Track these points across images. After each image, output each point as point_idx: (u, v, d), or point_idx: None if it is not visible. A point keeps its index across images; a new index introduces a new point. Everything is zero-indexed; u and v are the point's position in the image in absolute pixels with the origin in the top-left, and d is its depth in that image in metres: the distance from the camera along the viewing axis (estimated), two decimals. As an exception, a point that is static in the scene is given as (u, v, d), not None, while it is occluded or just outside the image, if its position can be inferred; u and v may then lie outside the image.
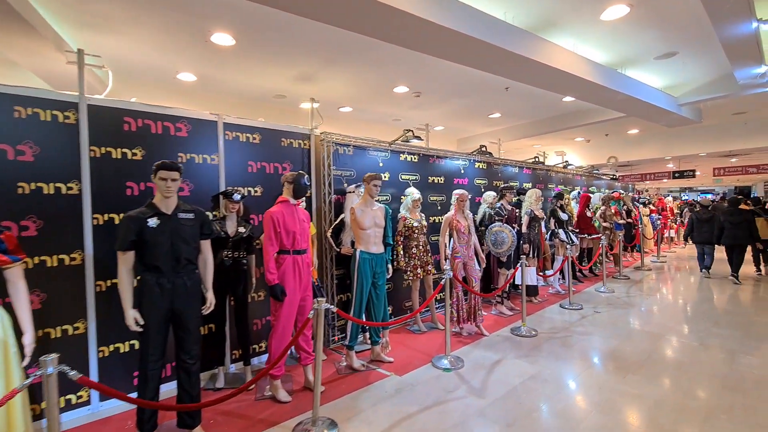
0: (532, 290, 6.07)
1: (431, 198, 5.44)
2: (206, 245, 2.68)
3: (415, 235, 4.65)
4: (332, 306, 2.69)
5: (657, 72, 5.21)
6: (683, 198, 29.96)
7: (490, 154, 6.07)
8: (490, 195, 5.93)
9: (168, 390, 3.12)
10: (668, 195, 25.22)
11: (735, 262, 7.16)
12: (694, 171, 10.41)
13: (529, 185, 7.56)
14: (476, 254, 4.95)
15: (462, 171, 5.96)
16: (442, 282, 3.74)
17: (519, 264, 4.67)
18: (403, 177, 5.06)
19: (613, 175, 10.99)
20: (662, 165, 11.30)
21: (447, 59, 3.84)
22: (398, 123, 7.05)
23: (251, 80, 5.71)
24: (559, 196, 6.73)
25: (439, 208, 5.54)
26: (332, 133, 4.27)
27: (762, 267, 7.84)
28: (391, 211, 3.95)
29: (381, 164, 4.78)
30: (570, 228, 7.20)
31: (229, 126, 3.65)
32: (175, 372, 2.58)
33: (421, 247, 4.66)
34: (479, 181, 6.28)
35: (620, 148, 10.00)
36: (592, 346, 4.19)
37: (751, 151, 8.79)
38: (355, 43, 4.60)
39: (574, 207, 7.83)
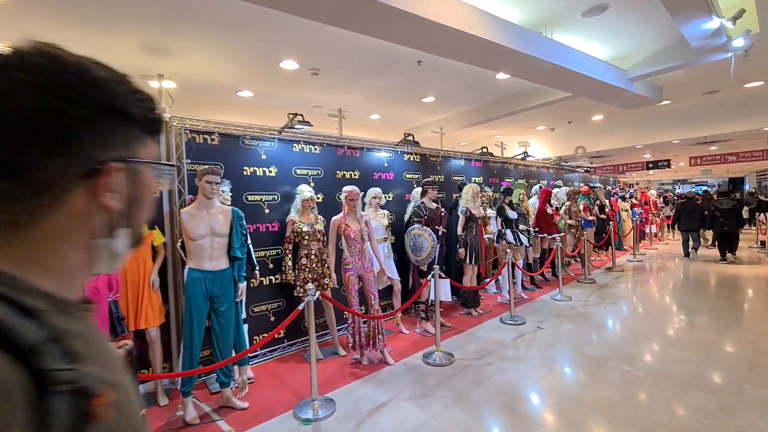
0: (471, 301, 5.24)
1: (341, 196, 4.59)
2: None
3: (306, 242, 3.82)
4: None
5: (594, 36, 4.31)
6: (677, 191, 29.16)
7: (417, 143, 5.22)
8: (419, 191, 5.10)
9: None
10: (658, 188, 24.41)
11: (728, 247, 7.88)
12: (669, 161, 9.47)
13: (480, 180, 6.73)
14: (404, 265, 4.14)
15: (386, 164, 5.11)
16: (300, 307, 2.91)
17: (430, 275, 3.83)
18: (299, 172, 4.22)
19: (587, 167, 10.18)
20: (638, 155, 10.41)
21: (292, 13, 2.97)
22: (319, 110, 6.21)
23: (86, 53, 4.40)
24: (507, 191, 5.89)
25: (352, 208, 4.70)
26: (185, 118, 3.42)
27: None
28: (243, 215, 3.10)
29: (264, 156, 3.93)
30: (525, 227, 6.38)
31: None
32: None
33: (313, 257, 3.83)
34: (411, 176, 5.44)
35: (588, 137, 9.12)
36: (513, 378, 3.35)
37: (730, 136, 7.90)
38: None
39: (536, 203, 7.01)
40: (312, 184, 4.29)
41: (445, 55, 3.76)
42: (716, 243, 8.29)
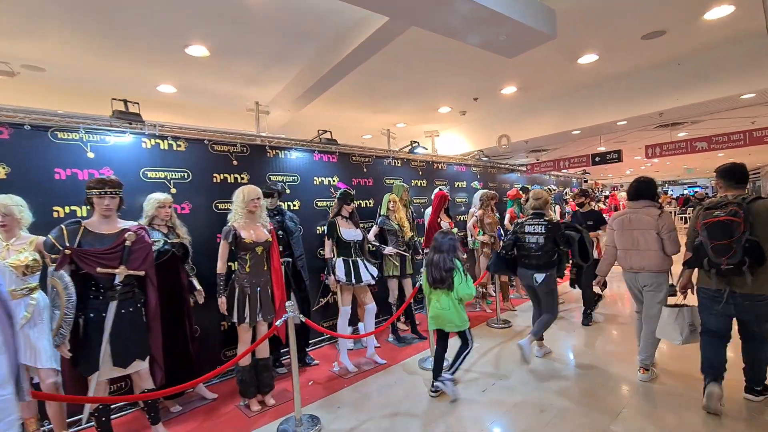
0: (267, 381, 3.08)
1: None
2: None
3: None
4: None
5: None
6: (665, 192, 27.05)
7: (137, 115, 3.08)
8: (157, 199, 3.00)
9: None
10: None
11: None
12: (620, 152, 7.17)
13: (333, 182, 4.62)
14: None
15: (90, 154, 2.98)
16: None
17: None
18: None
19: (527, 164, 8.12)
20: (591, 147, 8.23)
21: None
22: (30, 72, 3.93)
23: None
24: (345, 198, 3.77)
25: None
26: None
27: None
28: None
29: None
30: (402, 248, 4.28)
31: None
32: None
33: None
34: (157, 174, 3.29)
35: (511, 123, 6.95)
36: None
37: (695, 111, 5.58)
38: None
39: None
40: None
41: None
42: None
